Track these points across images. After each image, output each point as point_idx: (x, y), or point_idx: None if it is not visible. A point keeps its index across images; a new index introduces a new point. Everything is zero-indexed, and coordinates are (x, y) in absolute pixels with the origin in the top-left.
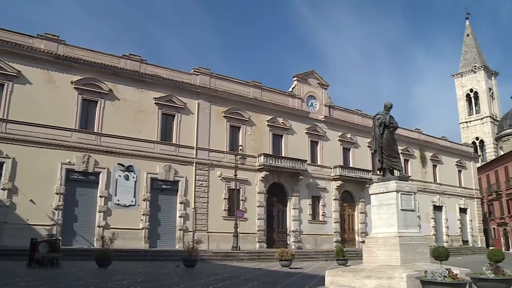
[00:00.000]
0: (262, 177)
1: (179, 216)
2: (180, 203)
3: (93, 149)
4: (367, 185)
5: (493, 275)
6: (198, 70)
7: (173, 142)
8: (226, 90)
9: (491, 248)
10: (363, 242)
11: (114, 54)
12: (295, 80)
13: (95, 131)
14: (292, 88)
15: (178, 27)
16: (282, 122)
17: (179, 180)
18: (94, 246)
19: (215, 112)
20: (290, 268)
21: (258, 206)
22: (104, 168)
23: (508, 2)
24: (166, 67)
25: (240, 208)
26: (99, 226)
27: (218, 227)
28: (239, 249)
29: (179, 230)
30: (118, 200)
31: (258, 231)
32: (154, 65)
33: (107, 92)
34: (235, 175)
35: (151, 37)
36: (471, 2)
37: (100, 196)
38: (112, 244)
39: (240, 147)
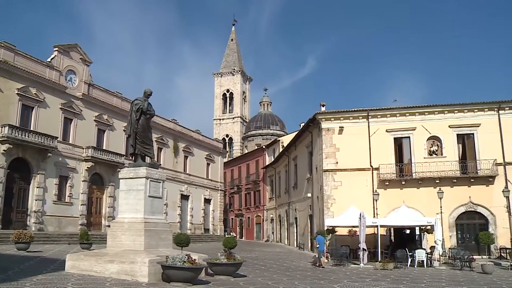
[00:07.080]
0: (4, 150)
1: None
2: None
3: None
4: (119, 169)
5: (226, 260)
6: None
7: None
8: None
9: (228, 236)
10: (109, 226)
11: None
12: (55, 51)
13: None
14: (51, 59)
15: None
16: (35, 93)
17: None
18: None
19: None
20: (28, 252)
21: None
22: None
23: (265, 20)
24: None
25: None
26: None
27: None
28: None
29: None
30: None
31: None
32: None
33: None
34: None
35: None
36: (239, 10)
37: None
38: None
39: None
